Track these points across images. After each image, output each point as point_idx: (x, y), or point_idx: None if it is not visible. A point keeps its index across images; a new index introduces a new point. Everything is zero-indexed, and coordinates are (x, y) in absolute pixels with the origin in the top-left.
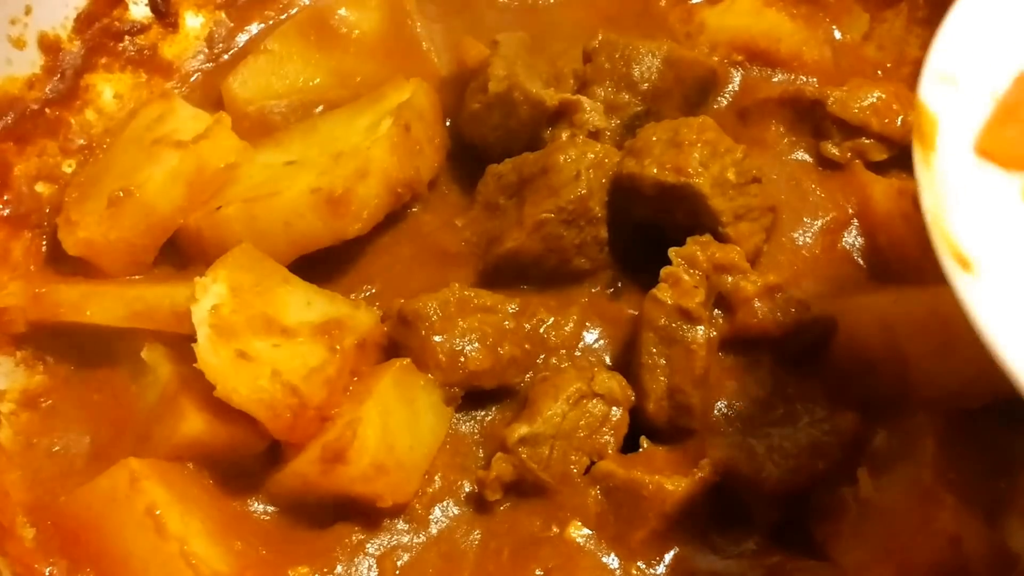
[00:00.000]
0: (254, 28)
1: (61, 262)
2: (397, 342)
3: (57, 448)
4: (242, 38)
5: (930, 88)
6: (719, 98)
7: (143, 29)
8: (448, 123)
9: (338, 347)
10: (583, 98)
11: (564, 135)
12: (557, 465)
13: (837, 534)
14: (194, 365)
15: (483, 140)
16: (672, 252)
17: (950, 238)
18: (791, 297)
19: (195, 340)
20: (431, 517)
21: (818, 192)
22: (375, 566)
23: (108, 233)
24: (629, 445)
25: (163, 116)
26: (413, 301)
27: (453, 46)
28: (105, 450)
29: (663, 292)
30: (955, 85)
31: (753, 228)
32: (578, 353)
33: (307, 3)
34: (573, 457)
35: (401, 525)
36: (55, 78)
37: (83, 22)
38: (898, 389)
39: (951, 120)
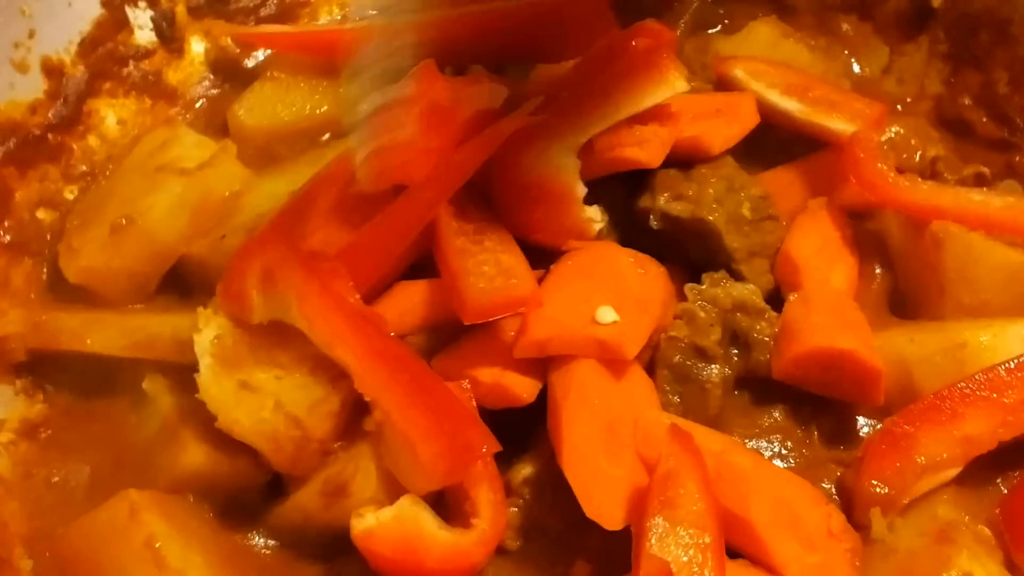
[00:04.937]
0: (260, 54)
1: (62, 290)
2: None
3: (56, 479)
4: (248, 64)
5: None
6: None
7: (148, 54)
8: None
9: (342, 379)
10: None
11: None
12: (562, 505)
13: None
14: (196, 396)
15: None
16: (688, 289)
17: None
18: None
19: (197, 370)
20: None
21: None
22: None
23: (110, 261)
24: None
25: (167, 143)
26: (417, 334)
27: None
28: (105, 481)
29: (678, 329)
30: None
31: (767, 265)
32: None
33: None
34: None
35: None
36: (58, 103)
37: (87, 47)
38: None
39: None
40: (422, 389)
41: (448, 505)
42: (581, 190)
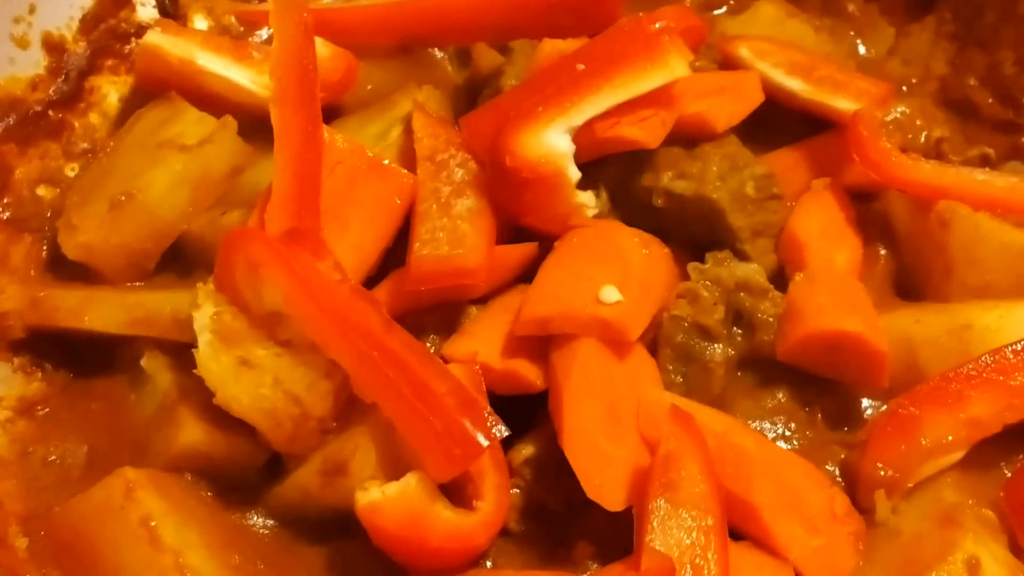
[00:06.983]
0: (264, 33)
1: (61, 267)
2: None
3: (53, 457)
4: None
5: None
6: None
7: None
8: None
9: None
10: None
11: None
12: (563, 486)
13: None
14: (194, 371)
15: None
16: (691, 267)
17: None
18: None
19: (196, 348)
20: None
21: None
22: None
23: (109, 238)
24: None
25: (168, 119)
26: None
27: (467, 52)
28: (102, 460)
29: (681, 308)
30: None
31: (771, 245)
32: None
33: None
34: None
35: None
36: (59, 79)
37: (89, 23)
38: None
39: None
40: (416, 392)
41: (451, 485)
42: (574, 174)
